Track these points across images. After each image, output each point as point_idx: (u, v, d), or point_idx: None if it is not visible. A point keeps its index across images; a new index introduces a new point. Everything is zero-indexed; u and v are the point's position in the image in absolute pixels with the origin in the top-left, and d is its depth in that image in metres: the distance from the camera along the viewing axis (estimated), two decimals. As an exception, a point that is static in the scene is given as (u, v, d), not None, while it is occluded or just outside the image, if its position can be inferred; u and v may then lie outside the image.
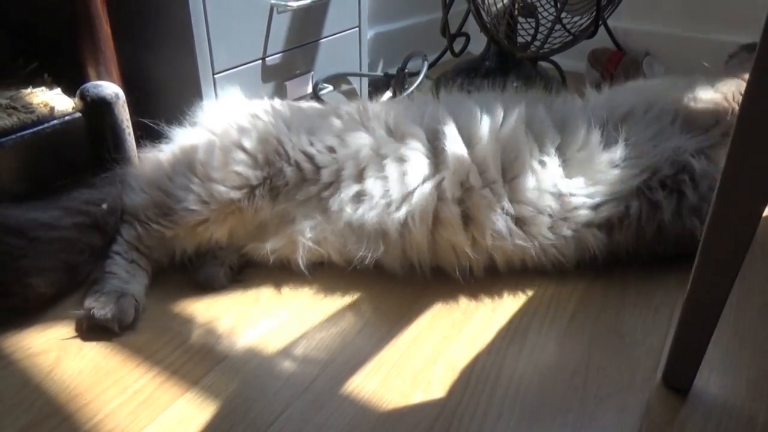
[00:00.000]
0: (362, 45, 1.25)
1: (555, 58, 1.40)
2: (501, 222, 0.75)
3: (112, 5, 0.86)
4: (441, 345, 0.70)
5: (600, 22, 1.27)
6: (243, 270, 0.82)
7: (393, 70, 1.36)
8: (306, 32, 1.10)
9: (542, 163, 0.78)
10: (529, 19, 1.35)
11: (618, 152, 0.79)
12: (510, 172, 0.78)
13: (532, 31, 1.31)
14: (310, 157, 0.78)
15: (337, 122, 0.82)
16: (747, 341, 0.71)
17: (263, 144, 0.78)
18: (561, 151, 0.79)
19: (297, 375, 0.66)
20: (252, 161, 0.77)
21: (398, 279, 0.79)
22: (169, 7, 0.89)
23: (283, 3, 1.00)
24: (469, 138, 0.78)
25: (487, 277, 0.80)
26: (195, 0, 0.88)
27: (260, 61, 1.02)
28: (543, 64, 1.45)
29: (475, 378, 0.66)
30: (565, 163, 0.79)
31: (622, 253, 0.80)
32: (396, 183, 0.76)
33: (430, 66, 1.45)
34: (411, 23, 1.58)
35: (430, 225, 0.76)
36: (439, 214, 0.76)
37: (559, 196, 0.77)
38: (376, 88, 1.36)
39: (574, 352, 0.69)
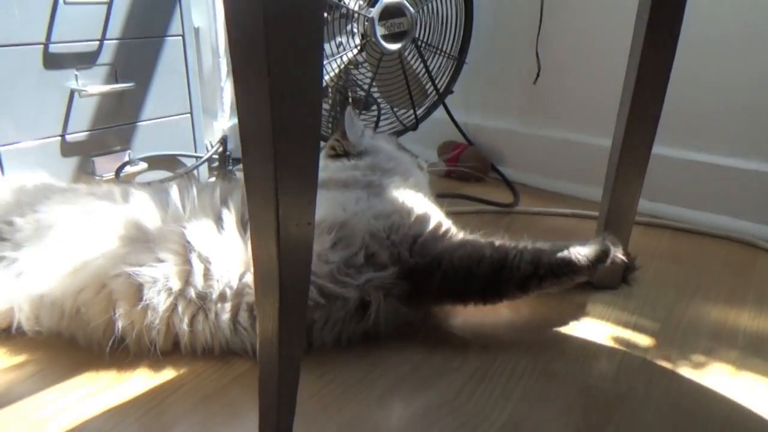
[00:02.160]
0: (196, 129, 1.36)
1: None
2: (166, 301, 0.77)
3: None
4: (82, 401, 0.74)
5: (417, 118, 1.37)
6: None
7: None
8: (120, 114, 1.21)
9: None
10: (366, 112, 1.45)
11: None
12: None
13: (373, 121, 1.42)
14: (8, 223, 0.84)
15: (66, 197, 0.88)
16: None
17: None
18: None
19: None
20: None
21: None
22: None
23: (82, 89, 1.12)
24: (155, 212, 0.83)
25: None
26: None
27: (59, 138, 1.13)
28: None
29: None
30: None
31: None
32: (72, 251, 0.80)
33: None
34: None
35: (104, 299, 0.78)
36: (112, 289, 0.78)
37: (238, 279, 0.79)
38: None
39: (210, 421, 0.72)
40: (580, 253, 0.87)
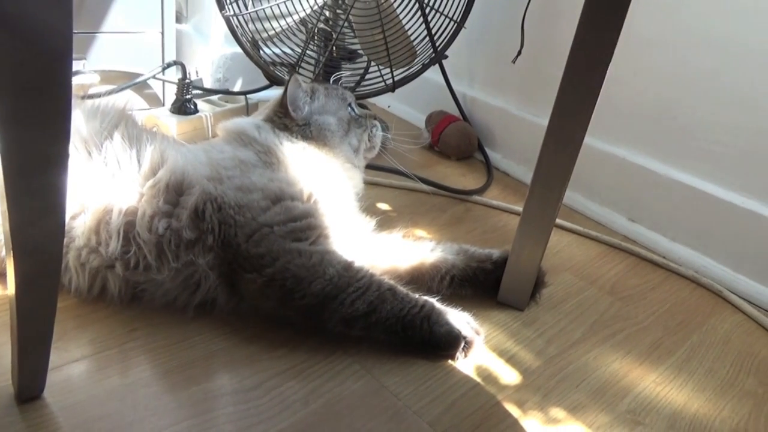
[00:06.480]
0: (165, 49, 1.30)
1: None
2: None
3: None
4: None
5: (394, 78, 1.24)
6: None
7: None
8: (79, 21, 1.17)
9: None
10: (349, 63, 1.34)
11: None
12: None
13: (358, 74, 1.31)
14: None
15: None
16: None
17: None
18: None
19: None
20: None
21: None
22: None
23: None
24: None
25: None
26: None
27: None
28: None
29: None
30: None
31: None
32: None
33: (252, 91, 1.46)
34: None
35: None
36: None
37: None
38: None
39: None
40: (427, 323, 0.74)
